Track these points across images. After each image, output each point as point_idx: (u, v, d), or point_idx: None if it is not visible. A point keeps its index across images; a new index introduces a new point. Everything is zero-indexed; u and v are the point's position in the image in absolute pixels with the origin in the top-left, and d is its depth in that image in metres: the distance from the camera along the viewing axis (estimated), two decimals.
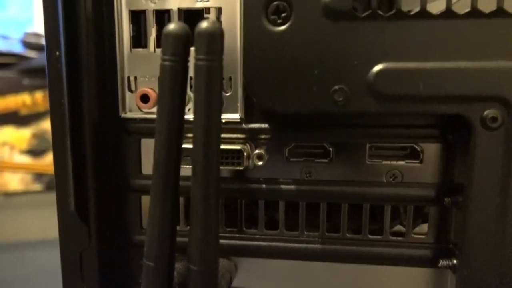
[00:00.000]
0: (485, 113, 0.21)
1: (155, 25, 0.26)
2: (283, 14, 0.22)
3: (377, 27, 0.22)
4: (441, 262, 0.24)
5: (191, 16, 0.26)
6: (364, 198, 0.25)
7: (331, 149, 0.25)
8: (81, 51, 0.24)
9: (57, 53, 0.24)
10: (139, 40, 0.26)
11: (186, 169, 0.23)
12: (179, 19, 0.25)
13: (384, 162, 0.25)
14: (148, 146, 0.27)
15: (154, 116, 0.26)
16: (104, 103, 0.26)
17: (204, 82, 0.20)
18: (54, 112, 0.24)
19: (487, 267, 0.23)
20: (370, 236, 0.26)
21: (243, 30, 0.23)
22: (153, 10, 0.25)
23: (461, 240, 0.23)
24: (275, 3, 0.22)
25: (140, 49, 0.26)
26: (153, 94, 0.26)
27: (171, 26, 0.21)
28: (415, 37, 0.21)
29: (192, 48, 0.20)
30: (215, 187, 0.21)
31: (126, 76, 0.26)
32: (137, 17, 0.26)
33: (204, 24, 0.20)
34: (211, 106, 0.20)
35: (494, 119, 0.21)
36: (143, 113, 0.26)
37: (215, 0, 0.25)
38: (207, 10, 0.25)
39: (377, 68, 0.22)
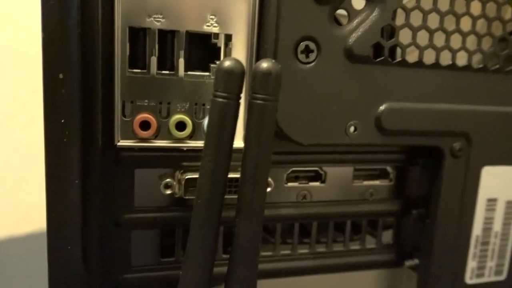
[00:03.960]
0: (454, 144, 0.27)
1: (157, 45, 0.23)
2: (311, 53, 0.23)
3: (386, 72, 0.25)
4: (407, 263, 0.30)
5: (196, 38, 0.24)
6: (349, 215, 0.28)
7: (323, 172, 0.28)
8: (94, 72, 0.20)
9: (61, 75, 0.20)
10: (135, 61, 0.24)
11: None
12: (185, 41, 0.24)
13: (364, 182, 0.29)
14: (142, 177, 0.25)
15: (153, 144, 0.24)
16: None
17: (258, 120, 0.20)
18: (51, 145, 0.20)
19: (445, 264, 0.29)
20: (351, 248, 0.29)
21: None
22: (157, 29, 0.23)
23: (425, 243, 0.29)
24: (305, 42, 0.23)
25: (139, 70, 0.23)
26: (154, 121, 0.24)
27: (227, 63, 0.20)
28: (413, 81, 0.25)
29: None
30: (259, 224, 0.21)
31: (120, 99, 0.23)
32: (134, 35, 0.23)
33: (264, 64, 0.20)
34: (263, 145, 0.21)
35: (460, 149, 0.27)
36: (139, 141, 0.24)
37: (226, 26, 0.24)
38: (216, 35, 0.24)
39: (383, 106, 0.25)
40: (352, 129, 0.25)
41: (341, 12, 0.24)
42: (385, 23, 0.24)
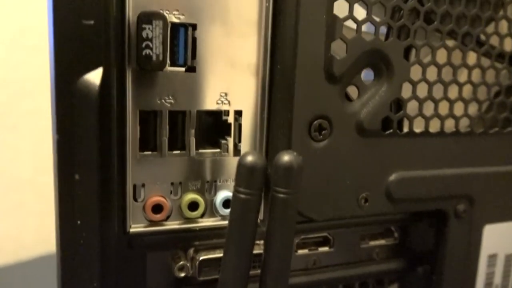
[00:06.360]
0: (458, 207, 0.28)
1: (167, 126, 0.23)
2: (324, 131, 0.23)
3: (394, 143, 0.25)
4: None
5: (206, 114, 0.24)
6: (358, 277, 0.29)
7: (331, 237, 0.28)
8: (110, 165, 0.20)
9: (77, 176, 0.19)
10: (146, 143, 0.23)
11: None
12: (196, 120, 0.23)
13: (371, 242, 0.29)
14: (153, 259, 0.24)
15: (165, 227, 0.23)
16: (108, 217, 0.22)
17: (280, 214, 0.20)
18: (67, 247, 0.19)
19: None
20: None
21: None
22: (168, 111, 0.23)
23: None
24: (319, 121, 0.23)
25: (149, 152, 0.23)
26: (166, 203, 0.23)
27: (249, 158, 0.19)
28: (419, 150, 0.26)
29: None
30: None
31: (132, 183, 0.23)
32: (145, 117, 0.23)
33: (285, 158, 0.20)
34: (285, 236, 0.20)
35: (464, 211, 0.28)
36: (151, 225, 0.23)
37: (236, 102, 0.24)
38: (226, 112, 0.24)
39: (393, 177, 0.25)
40: (363, 201, 0.25)
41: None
42: (393, 97, 0.24)
